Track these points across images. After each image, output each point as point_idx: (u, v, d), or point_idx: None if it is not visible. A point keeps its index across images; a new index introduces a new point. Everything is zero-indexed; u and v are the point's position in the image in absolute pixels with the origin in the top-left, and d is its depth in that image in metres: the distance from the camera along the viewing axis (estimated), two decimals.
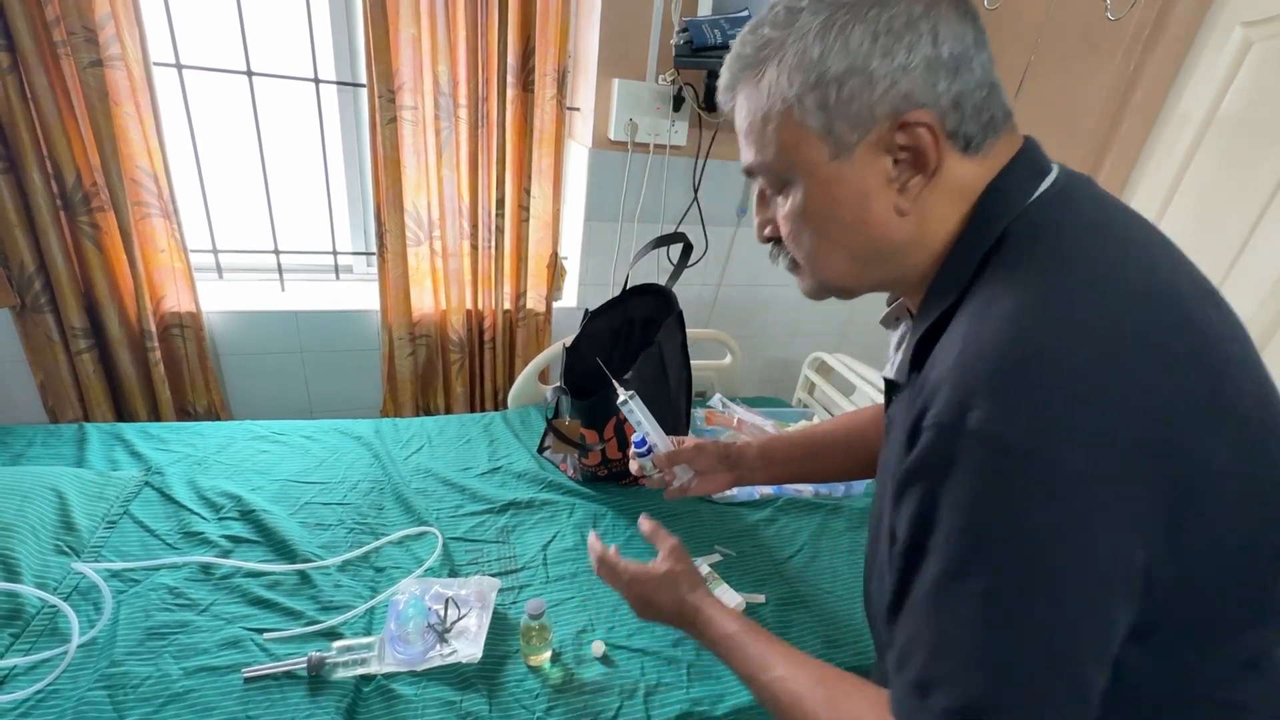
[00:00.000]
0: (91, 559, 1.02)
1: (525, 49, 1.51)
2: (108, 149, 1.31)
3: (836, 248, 0.52)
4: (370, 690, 0.89)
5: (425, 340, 1.73)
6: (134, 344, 1.49)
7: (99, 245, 1.38)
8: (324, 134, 1.60)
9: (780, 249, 0.56)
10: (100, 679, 0.85)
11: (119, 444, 1.29)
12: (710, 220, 1.88)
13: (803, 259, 0.54)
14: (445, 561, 1.12)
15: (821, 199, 0.50)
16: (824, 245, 0.52)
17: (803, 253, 0.54)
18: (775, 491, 1.41)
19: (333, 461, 1.33)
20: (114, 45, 1.26)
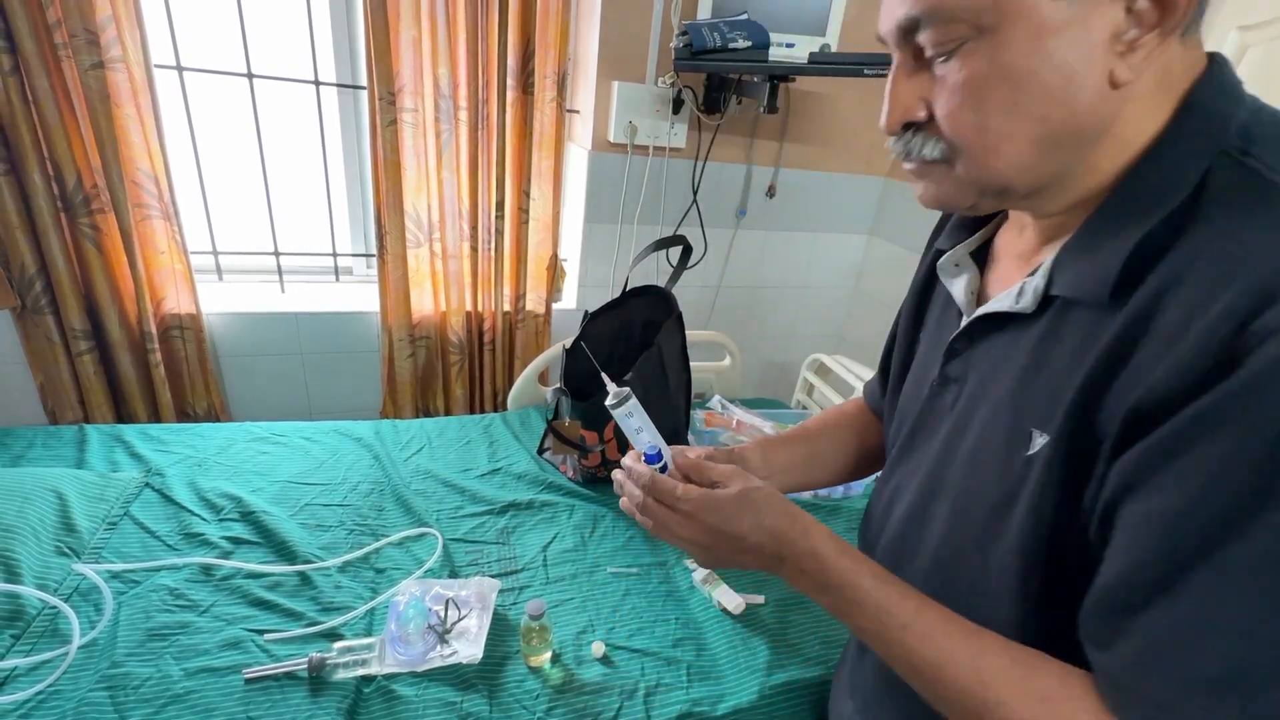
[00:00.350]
0: (92, 560, 1.02)
1: (525, 51, 1.52)
2: (109, 151, 1.31)
3: (1025, 123, 0.41)
4: (371, 691, 0.89)
5: (425, 342, 1.74)
6: (134, 345, 1.49)
7: (99, 247, 1.38)
8: (324, 136, 1.61)
9: (924, 136, 0.45)
10: (101, 680, 0.85)
11: (119, 445, 1.30)
12: (709, 222, 1.89)
13: (971, 141, 0.43)
14: (445, 562, 1.12)
15: (1026, 54, 0.39)
16: (1009, 121, 0.41)
17: (974, 132, 0.42)
18: None
19: (333, 463, 1.34)
20: (115, 47, 1.27)
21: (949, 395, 0.54)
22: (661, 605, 1.09)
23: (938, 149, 0.45)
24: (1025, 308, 0.47)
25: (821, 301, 2.21)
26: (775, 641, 1.03)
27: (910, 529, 0.58)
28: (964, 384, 0.53)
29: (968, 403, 0.52)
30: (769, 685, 0.96)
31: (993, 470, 0.48)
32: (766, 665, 0.99)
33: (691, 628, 1.05)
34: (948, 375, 0.54)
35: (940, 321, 0.61)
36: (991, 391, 0.49)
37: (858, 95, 1.88)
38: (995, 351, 0.50)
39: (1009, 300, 0.48)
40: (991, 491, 0.48)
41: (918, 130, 0.46)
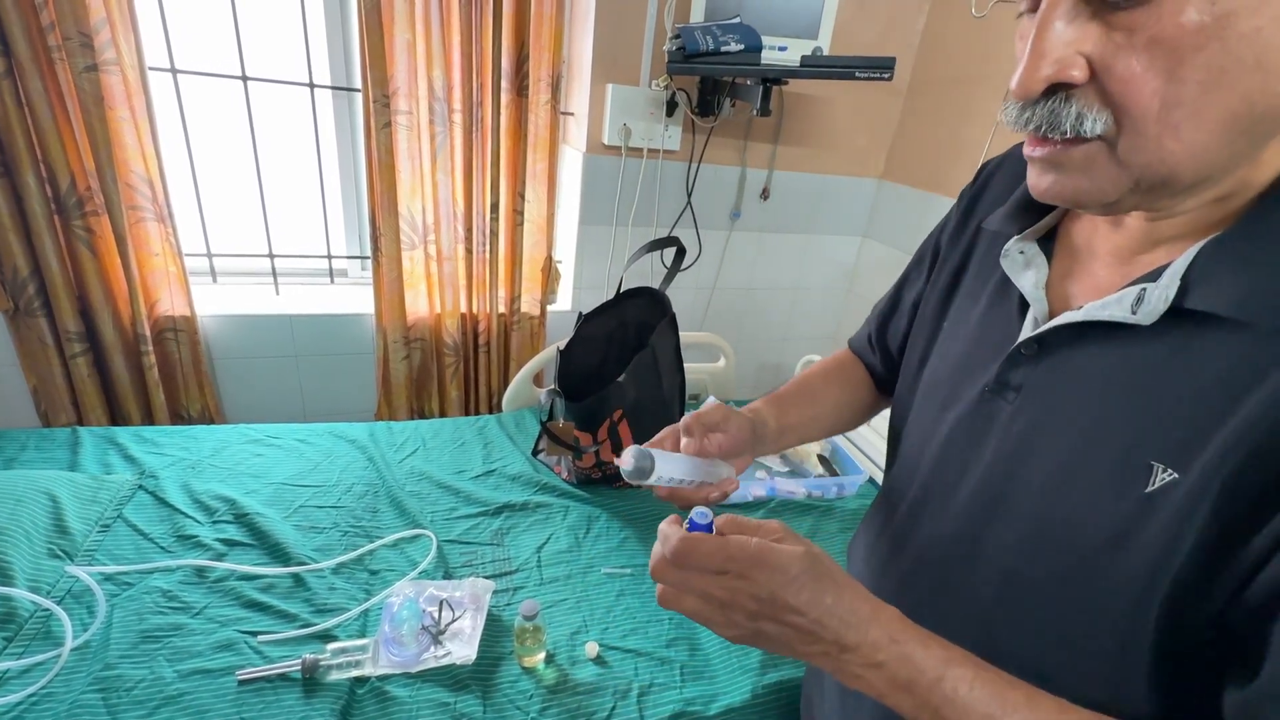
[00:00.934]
0: (85, 562, 1.02)
1: (519, 54, 1.52)
2: (102, 153, 1.31)
3: (1224, 98, 0.33)
4: (364, 692, 0.89)
5: (420, 344, 1.74)
6: (128, 348, 1.49)
7: (93, 249, 1.38)
8: (319, 138, 1.61)
9: (1078, 104, 0.36)
10: (94, 682, 0.85)
11: (112, 448, 1.29)
12: (704, 224, 1.90)
13: (1151, 115, 0.34)
14: (440, 564, 1.12)
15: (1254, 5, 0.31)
16: (1206, 94, 0.32)
17: (1159, 104, 0.33)
18: (768, 493, 1.42)
19: (327, 465, 1.34)
20: (109, 50, 1.27)
21: (1005, 403, 0.48)
22: (655, 605, 1.09)
23: (1100, 122, 0.35)
24: (1144, 319, 0.39)
25: (815, 303, 2.22)
26: None
27: (956, 551, 0.51)
28: (1030, 393, 0.46)
29: (1037, 415, 0.46)
30: (761, 685, 0.96)
31: (1092, 503, 0.41)
32: (759, 665, 0.99)
33: (685, 628, 1.06)
34: (1007, 381, 0.48)
35: (990, 315, 0.53)
36: (1079, 410, 0.43)
37: (850, 98, 1.89)
38: (1084, 364, 0.43)
39: (1119, 308, 0.41)
40: (1091, 527, 0.41)
41: (1068, 96, 0.36)
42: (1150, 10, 0.32)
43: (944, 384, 0.55)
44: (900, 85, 1.93)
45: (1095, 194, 0.38)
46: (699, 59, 1.44)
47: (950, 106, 1.77)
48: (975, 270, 0.56)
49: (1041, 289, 0.48)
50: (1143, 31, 0.33)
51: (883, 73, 1.36)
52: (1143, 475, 0.39)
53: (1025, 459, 0.46)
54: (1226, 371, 0.37)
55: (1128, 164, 0.36)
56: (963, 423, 0.51)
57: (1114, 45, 0.34)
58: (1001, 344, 0.49)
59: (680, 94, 1.68)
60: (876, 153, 2.03)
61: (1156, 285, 0.39)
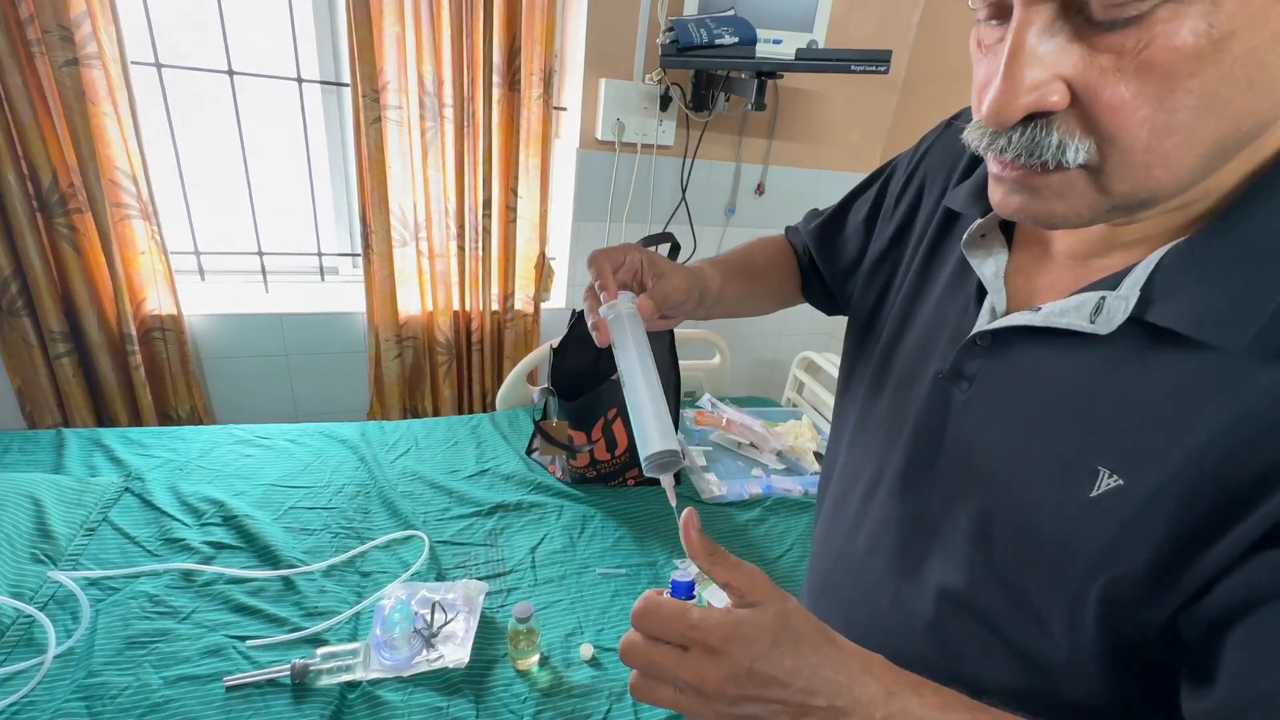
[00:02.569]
0: (69, 567, 1.00)
1: (511, 48, 1.50)
2: (85, 149, 1.29)
3: (1217, 122, 0.30)
4: (355, 697, 0.87)
5: (412, 342, 1.72)
6: (114, 348, 1.46)
7: (77, 247, 1.36)
8: (307, 134, 1.58)
9: (1058, 131, 0.33)
10: (78, 689, 0.83)
11: (98, 449, 1.27)
12: (698, 220, 1.88)
13: (1140, 144, 0.32)
14: (432, 565, 1.11)
15: (1263, 20, 0.28)
16: (1199, 118, 0.30)
17: (1148, 132, 0.31)
18: (764, 491, 1.41)
19: (317, 465, 1.32)
20: (90, 44, 1.24)
21: (959, 391, 0.47)
22: None
23: (1083, 151, 0.33)
24: (1101, 329, 0.38)
25: None
26: None
27: (912, 536, 0.51)
28: (982, 385, 0.46)
29: (988, 408, 0.45)
30: None
31: (1038, 501, 0.41)
32: None
33: None
34: (961, 370, 0.47)
35: (947, 298, 0.51)
36: (1028, 408, 0.43)
37: (845, 92, 1.88)
38: (1037, 363, 0.43)
39: (1078, 316, 0.40)
40: (1036, 525, 0.41)
41: (1047, 123, 0.33)
42: (1140, 31, 0.29)
43: (900, 364, 0.54)
44: (895, 79, 1.92)
45: (1070, 218, 0.36)
46: (693, 52, 1.42)
47: (946, 100, 1.76)
48: (942, 250, 0.54)
49: (1001, 278, 0.47)
50: (1132, 55, 0.30)
51: (878, 66, 1.35)
52: (1088, 479, 0.39)
53: (976, 451, 0.46)
54: (1183, 385, 0.36)
55: (1109, 191, 0.34)
56: (918, 408, 0.51)
57: (1099, 69, 0.31)
58: (957, 331, 0.48)
59: (674, 88, 1.66)
60: (871, 147, 2.02)
61: (1116, 295, 0.38)
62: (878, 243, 0.63)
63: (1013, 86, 0.32)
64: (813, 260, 0.73)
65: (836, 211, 0.70)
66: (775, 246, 0.76)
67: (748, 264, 0.71)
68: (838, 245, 0.69)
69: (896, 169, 0.64)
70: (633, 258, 0.58)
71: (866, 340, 0.61)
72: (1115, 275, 0.39)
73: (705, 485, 1.40)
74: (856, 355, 0.62)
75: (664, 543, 1.22)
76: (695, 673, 0.36)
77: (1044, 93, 0.32)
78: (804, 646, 0.37)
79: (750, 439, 1.58)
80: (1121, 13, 0.29)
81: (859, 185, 0.70)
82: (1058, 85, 0.32)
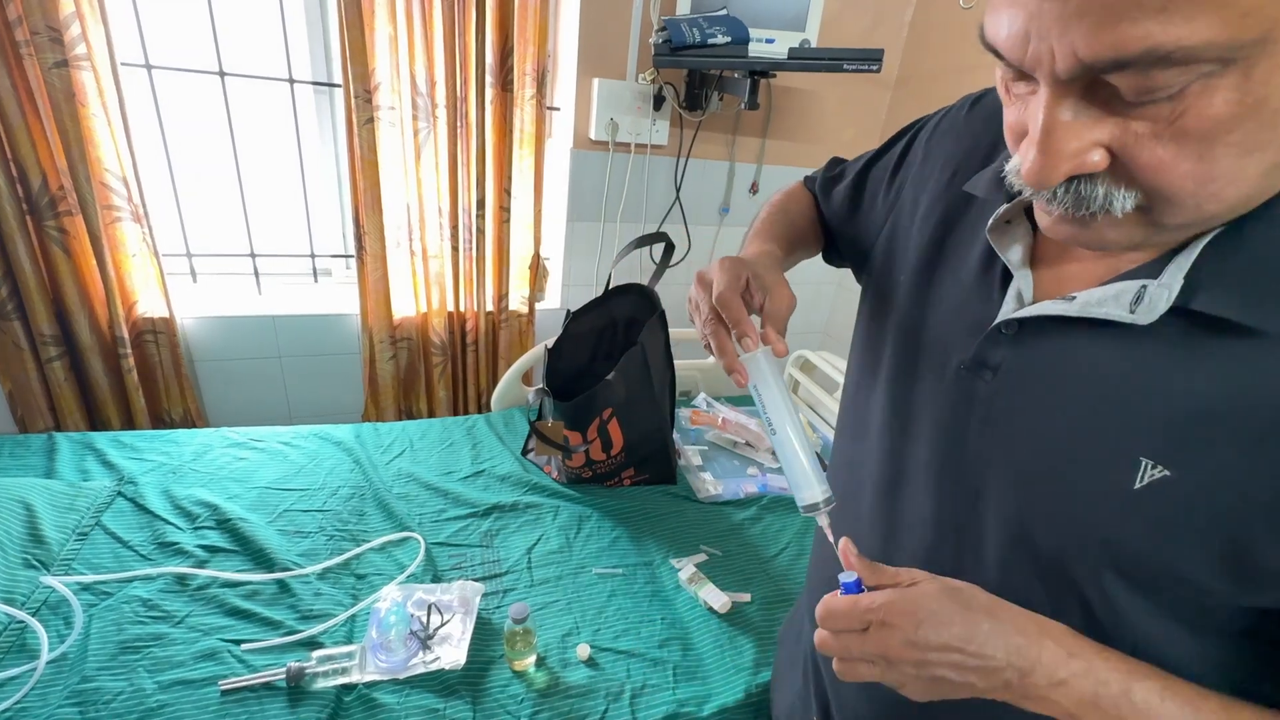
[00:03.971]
0: (61, 572, 1.00)
1: (504, 48, 1.50)
2: (75, 152, 1.28)
3: (1263, 156, 0.31)
4: (352, 700, 0.87)
5: (407, 343, 1.71)
6: (106, 351, 1.45)
7: (68, 250, 1.35)
8: (300, 135, 1.58)
9: (1104, 185, 0.34)
10: (71, 695, 0.83)
11: (90, 454, 1.26)
12: (693, 219, 1.88)
13: (1189, 191, 0.32)
14: (428, 567, 1.10)
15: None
16: (1245, 162, 0.31)
17: (1194, 182, 0.32)
18: (760, 490, 1.41)
19: (312, 468, 1.31)
20: (80, 45, 1.23)
21: (982, 383, 0.46)
22: (647, 605, 1.08)
23: (1130, 200, 0.33)
24: (1142, 319, 0.37)
25: (806, 298, 2.22)
26: (762, 639, 1.03)
27: (938, 537, 0.50)
28: (1008, 375, 0.44)
29: (1016, 400, 0.44)
30: (755, 684, 0.95)
31: (1079, 497, 0.41)
32: (753, 664, 0.98)
33: (678, 627, 1.04)
34: (984, 360, 0.45)
35: (969, 282, 0.49)
36: (1063, 399, 0.41)
37: (838, 91, 1.88)
38: (1070, 352, 0.41)
39: (1117, 306, 0.38)
40: (1082, 522, 0.41)
41: (1091, 178, 0.34)
42: (1174, 104, 0.30)
43: (916, 353, 0.53)
44: (888, 77, 1.92)
45: (1123, 243, 0.37)
46: (685, 52, 1.42)
47: (938, 98, 1.75)
48: (960, 234, 0.51)
49: (1028, 265, 0.45)
50: (1167, 123, 0.30)
51: (871, 65, 1.35)
52: (1131, 471, 0.38)
53: (1006, 446, 0.45)
54: (1233, 374, 0.35)
55: (1163, 225, 0.34)
56: (939, 400, 0.49)
57: (1135, 135, 0.31)
58: (980, 319, 0.46)
59: (667, 88, 1.66)
60: (865, 146, 2.01)
61: (1158, 284, 0.37)
62: (890, 220, 0.60)
63: (1051, 159, 0.33)
64: (830, 226, 0.71)
65: (855, 183, 0.67)
66: (806, 205, 0.73)
67: (795, 232, 0.69)
68: (858, 222, 0.66)
69: (917, 140, 0.61)
70: (741, 274, 0.52)
71: (879, 321, 0.58)
72: (1153, 264, 0.38)
73: (701, 484, 1.40)
74: (867, 340, 0.60)
75: (660, 542, 1.22)
76: (877, 645, 0.42)
77: (1083, 159, 0.33)
78: (974, 614, 0.40)
79: (746, 438, 1.58)
80: (1152, 96, 0.30)
81: (877, 151, 0.67)
82: (1096, 150, 0.33)
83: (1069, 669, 0.39)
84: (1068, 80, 0.31)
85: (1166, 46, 0.28)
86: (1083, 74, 0.31)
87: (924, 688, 0.42)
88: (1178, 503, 0.37)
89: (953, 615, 0.40)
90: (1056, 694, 0.39)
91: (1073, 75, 0.31)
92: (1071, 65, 0.30)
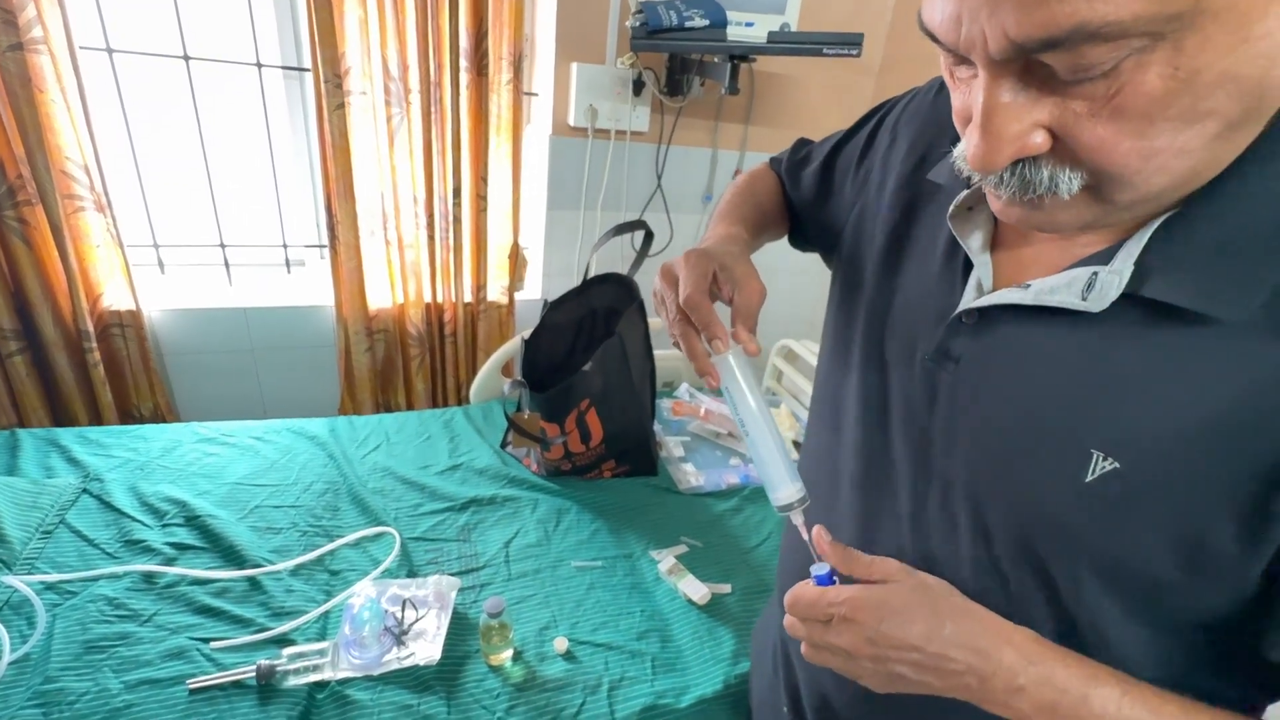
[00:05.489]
0: (24, 571, 0.97)
1: (478, 31, 1.46)
2: (32, 139, 1.24)
3: (1204, 129, 0.31)
4: (324, 697, 0.86)
5: (383, 335, 1.69)
6: (71, 345, 1.41)
7: (28, 241, 1.31)
8: (269, 122, 1.54)
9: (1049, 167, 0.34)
10: (33, 696, 0.81)
11: (55, 450, 1.23)
12: (675, 208, 1.86)
13: (1133, 168, 0.32)
14: (404, 562, 1.09)
15: (1226, 52, 0.28)
16: (1186, 134, 0.31)
17: (1137, 158, 0.32)
18: (741, 481, 1.41)
19: (285, 463, 1.29)
20: (35, 28, 1.19)
21: (946, 374, 0.45)
22: (626, 598, 1.07)
23: (1076, 180, 0.34)
24: (1094, 306, 0.37)
25: (790, 288, 2.21)
26: (741, 630, 1.03)
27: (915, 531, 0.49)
28: (969, 366, 0.44)
29: (976, 391, 0.44)
30: (734, 674, 0.95)
31: (1033, 491, 0.41)
32: (732, 654, 0.98)
33: (657, 620, 1.04)
34: (947, 351, 0.45)
35: (932, 270, 0.49)
36: (1018, 390, 0.41)
37: (821, 76, 1.86)
38: (1027, 342, 0.41)
39: (1069, 294, 0.38)
40: (1031, 510, 0.41)
41: (1035, 161, 0.34)
42: (1109, 81, 0.30)
43: (886, 343, 0.52)
44: (872, 63, 1.91)
45: (1074, 225, 0.37)
46: (662, 35, 1.40)
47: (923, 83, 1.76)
48: (925, 221, 0.51)
49: (987, 252, 0.45)
50: (1104, 100, 0.31)
51: (850, 49, 1.34)
52: (1082, 464, 0.38)
53: (966, 439, 0.45)
54: (1182, 362, 0.35)
55: (1112, 201, 0.34)
56: (908, 391, 0.49)
57: (1074, 114, 0.32)
58: (943, 308, 0.46)
59: (647, 73, 1.63)
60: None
61: (1108, 269, 0.37)
62: (858, 205, 0.59)
63: (994, 142, 0.33)
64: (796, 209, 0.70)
65: (823, 167, 0.66)
66: (773, 188, 0.71)
67: (761, 215, 0.67)
68: (825, 206, 0.65)
69: (884, 124, 0.60)
70: (708, 270, 0.51)
71: (848, 309, 0.57)
72: (1106, 250, 0.38)
73: (683, 475, 1.39)
74: (838, 329, 0.60)
75: (640, 534, 1.22)
76: (838, 638, 0.43)
77: (1025, 142, 0.33)
78: (939, 616, 0.41)
79: (728, 429, 1.57)
80: (1087, 73, 0.30)
81: (845, 134, 0.65)
82: (1037, 131, 0.33)
83: (1028, 676, 0.39)
84: (1002, 61, 0.32)
85: (1094, 23, 0.28)
86: (1016, 54, 0.31)
87: (882, 681, 0.43)
88: (1128, 495, 0.37)
89: (916, 614, 0.41)
90: (1015, 700, 0.39)
91: (1006, 56, 0.31)
92: (1003, 46, 0.30)
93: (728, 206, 0.66)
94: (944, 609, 0.41)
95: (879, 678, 0.43)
